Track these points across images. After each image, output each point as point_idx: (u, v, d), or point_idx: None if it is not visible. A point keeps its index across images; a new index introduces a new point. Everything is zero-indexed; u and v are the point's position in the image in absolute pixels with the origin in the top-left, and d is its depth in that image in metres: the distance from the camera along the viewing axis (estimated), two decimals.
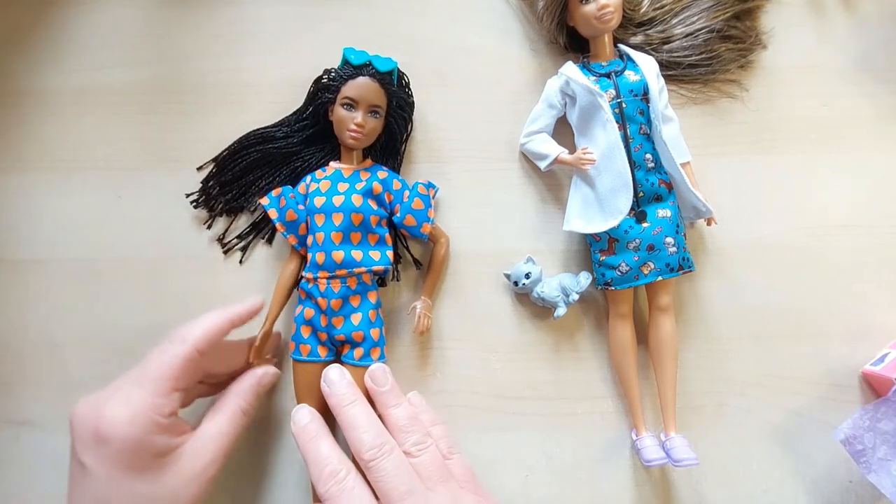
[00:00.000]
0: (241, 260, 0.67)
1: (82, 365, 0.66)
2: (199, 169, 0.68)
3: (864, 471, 0.55)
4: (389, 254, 0.62)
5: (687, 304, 0.66)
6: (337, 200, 0.60)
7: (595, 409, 0.64)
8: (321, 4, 0.71)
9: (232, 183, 0.67)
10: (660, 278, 0.60)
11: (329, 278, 0.59)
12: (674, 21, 0.67)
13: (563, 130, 0.67)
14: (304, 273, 0.61)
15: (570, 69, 0.64)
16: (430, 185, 0.65)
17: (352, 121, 0.60)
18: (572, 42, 0.68)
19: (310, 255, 0.60)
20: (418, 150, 0.69)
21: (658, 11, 0.67)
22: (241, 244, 0.67)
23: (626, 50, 0.65)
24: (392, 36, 0.70)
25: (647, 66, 0.63)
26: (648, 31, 0.67)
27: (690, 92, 0.68)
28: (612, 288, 0.61)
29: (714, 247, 0.67)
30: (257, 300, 0.56)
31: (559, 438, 0.64)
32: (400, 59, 0.64)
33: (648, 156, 0.61)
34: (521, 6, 0.70)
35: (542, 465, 0.63)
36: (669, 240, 0.60)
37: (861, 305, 0.65)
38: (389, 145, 0.66)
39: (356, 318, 0.59)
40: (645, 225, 0.61)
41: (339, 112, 0.61)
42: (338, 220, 0.60)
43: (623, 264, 0.61)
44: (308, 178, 0.63)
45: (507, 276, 0.64)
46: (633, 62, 0.63)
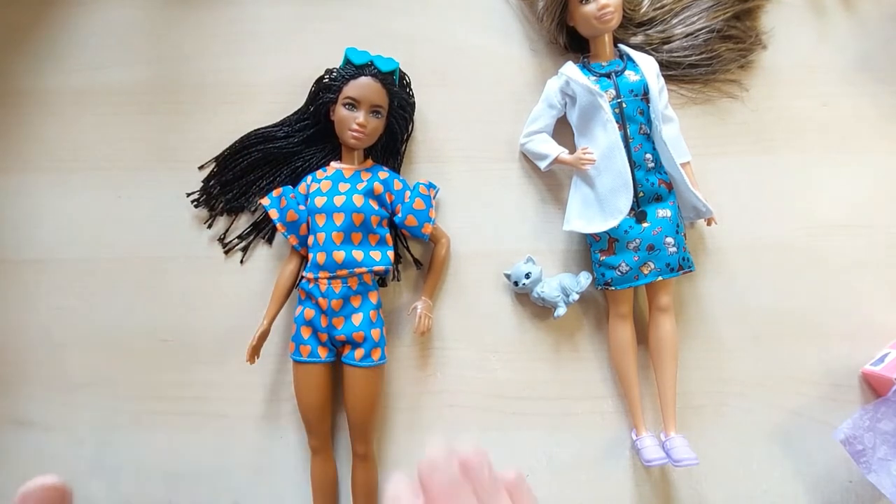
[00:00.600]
0: (241, 260, 0.67)
1: (82, 365, 0.66)
2: (200, 168, 0.68)
3: (864, 471, 0.55)
4: (390, 254, 0.62)
5: (687, 304, 0.66)
6: (338, 200, 0.60)
7: (595, 409, 0.64)
8: (321, 4, 0.71)
9: (233, 182, 0.67)
10: (660, 278, 0.60)
11: (330, 278, 0.59)
12: (674, 21, 0.67)
13: (563, 130, 0.67)
14: (304, 273, 0.61)
15: (570, 69, 0.64)
16: (430, 186, 0.65)
17: (354, 121, 0.60)
18: (572, 42, 0.68)
19: (310, 256, 0.60)
20: (419, 150, 0.69)
21: (658, 11, 0.67)
22: (241, 244, 0.67)
23: (627, 50, 0.65)
24: (392, 36, 0.70)
25: (648, 66, 0.63)
26: (648, 31, 0.67)
27: (690, 92, 0.68)
28: (612, 288, 0.61)
29: (714, 247, 0.67)
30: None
31: (559, 438, 0.64)
32: (400, 59, 0.64)
33: (648, 156, 0.61)
34: (521, 6, 0.70)
35: (542, 465, 0.63)
36: (669, 240, 0.60)
37: (861, 305, 0.65)
38: (390, 145, 0.66)
39: (357, 319, 0.59)
40: (645, 225, 0.61)
41: (341, 112, 0.61)
42: (339, 220, 0.60)
43: (623, 264, 0.61)
44: (309, 178, 0.63)
45: (507, 276, 0.64)
46: (634, 62, 0.63)
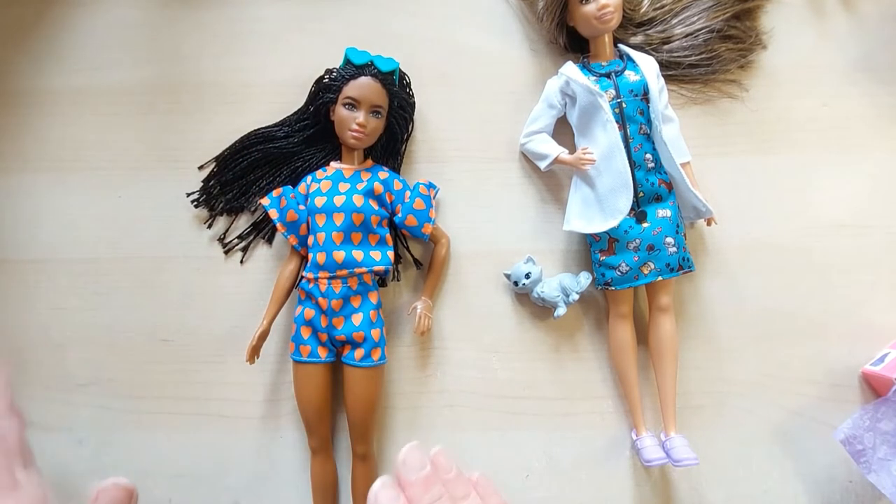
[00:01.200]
0: (241, 260, 0.67)
1: (82, 365, 0.66)
2: (200, 168, 0.68)
3: (864, 471, 0.55)
4: (390, 254, 0.62)
5: (687, 304, 0.66)
6: (338, 200, 0.60)
7: (595, 409, 0.64)
8: (321, 4, 0.71)
9: (233, 182, 0.67)
10: (660, 278, 0.60)
11: (330, 278, 0.59)
12: (674, 21, 0.67)
13: (563, 130, 0.67)
14: (304, 273, 0.61)
15: (570, 69, 0.64)
16: (430, 186, 0.65)
17: (354, 121, 0.60)
18: (572, 42, 0.68)
19: (310, 256, 0.60)
20: (419, 150, 0.69)
21: (658, 11, 0.67)
22: (241, 244, 0.67)
23: (626, 50, 0.65)
24: (392, 36, 0.70)
25: (648, 67, 0.63)
26: (648, 31, 0.67)
27: (690, 92, 0.68)
28: (612, 288, 0.61)
29: (714, 247, 0.67)
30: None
31: (559, 438, 0.64)
32: (400, 59, 0.64)
33: (648, 156, 0.61)
34: (521, 6, 0.70)
35: (543, 465, 0.63)
36: (669, 240, 0.60)
37: (861, 305, 0.65)
38: (390, 145, 0.66)
39: (357, 319, 0.59)
40: (645, 225, 0.61)
41: (341, 112, 0.61)
42: (339, 220, 0.60)
43: (623, 264, 0.61)
44: (309, 178, 0.63)
45: (508, 276, 0.64)
46: (634, 62, 0.63)
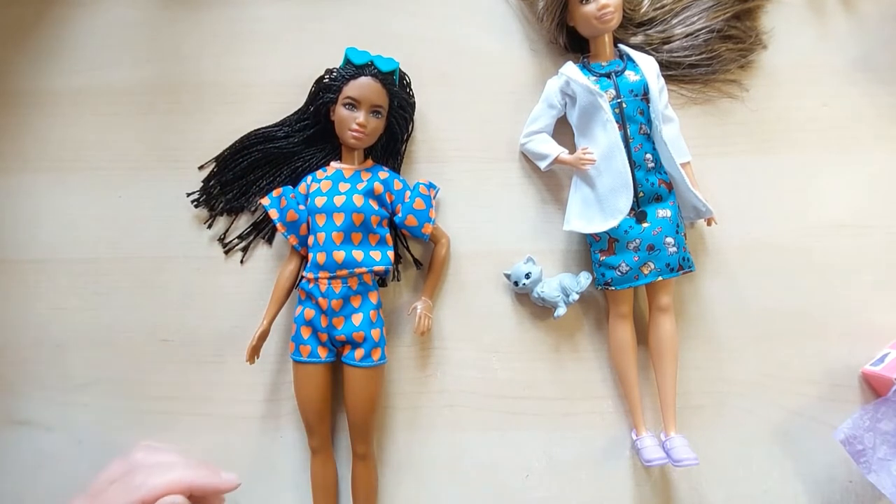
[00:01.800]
0: (241, 260, 0.67)
1: (82, 365, 0.66)
2: (200, 168, 0.68)
3: (864, 471, 0.55)
4: (390, 254, 0.62)
5: (687, 304, 0.66)
6: (338, 200, 0.60)
7: (595, 409, 0.64)
8: (321, 4, 0.71)
9: (233, 182, 0.67)
10: (660, 278, 0.60)
11: (330, 278, 0.59)
12: (674, 21, 0.67)
13: (563, 130, 0.67)
14: (304, 273, 0.61)
15: (570, 69, 0.64)
16: (430, 186, 0.65)
17: (354, 121, 0.60)
18: (572, 42, 0.68)
19: (311, 256, 0.60)
20: (419, 150, 0.69)
21: (658, 11, 0.67)
22: (241, 244, 0.67)
23: (627, 50, 0.65)
24: (392, 36, 0.70)
25: (648, 67, 0.63)
26: (648, 31, 0.67)
27: (690, 92, 0.68)
28: (612, 288, 0.61)
29: (714, 247, 0.67)
30: (233, 481, 0.44)
31: (559, 438, 0.64)
32: (400, 59, 0.64)
33: (648, 156, 0.62)
34: (521, 6, 0.70)
35: (543, 465, 0.63)
36: (669, 240, 0.60)
37: (861, 305, 0.65)
38: (390, 145, 0.66)
39: (357, 319, 0.59)
40: (645, 225, 0.61)
41: (341, 112, 0.61)
42: (339, 220, 0.60)
43: (623, 264, 0.61)
44: (309, 178, 0.63)
45: (507, 276, 0.64)
46: (634, 62, 0.63)
